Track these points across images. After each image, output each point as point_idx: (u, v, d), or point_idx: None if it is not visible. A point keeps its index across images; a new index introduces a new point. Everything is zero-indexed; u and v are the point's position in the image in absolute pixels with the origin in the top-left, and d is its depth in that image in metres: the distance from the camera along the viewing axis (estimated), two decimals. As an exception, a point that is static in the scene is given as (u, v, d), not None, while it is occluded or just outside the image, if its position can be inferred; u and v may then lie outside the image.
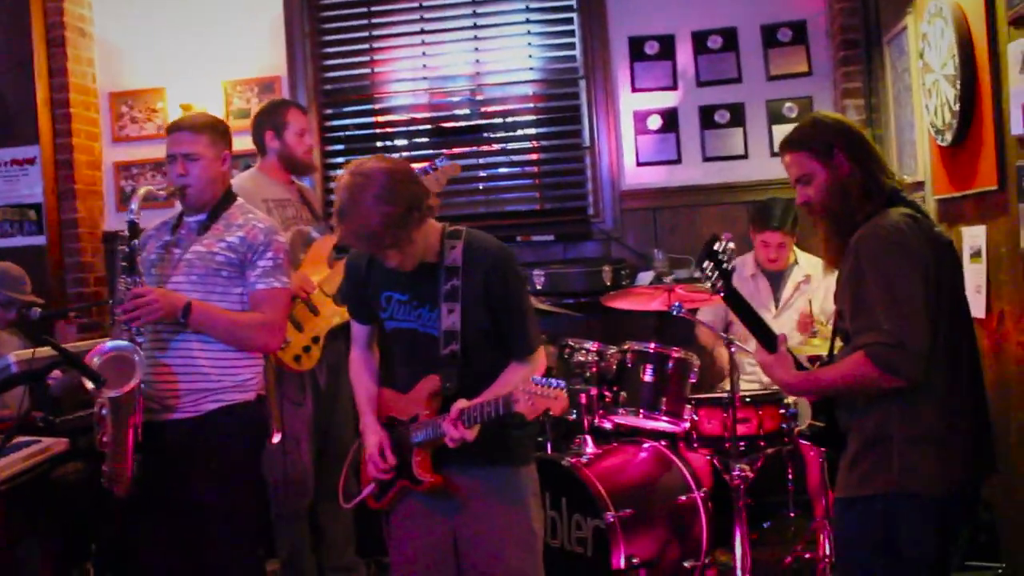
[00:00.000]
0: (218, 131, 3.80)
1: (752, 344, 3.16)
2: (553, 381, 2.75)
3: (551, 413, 2.77)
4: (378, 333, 3.41)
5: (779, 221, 4.88)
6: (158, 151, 5.99)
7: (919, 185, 4.52)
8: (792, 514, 4.81)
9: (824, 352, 3.31)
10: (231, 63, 6.19)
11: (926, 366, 2.67)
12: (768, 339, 2.97)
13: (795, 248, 5.05)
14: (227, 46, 6.18)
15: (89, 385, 3.40)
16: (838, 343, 3.00)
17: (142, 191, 3.65)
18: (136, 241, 3.59)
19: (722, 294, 3.05)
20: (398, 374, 3.29)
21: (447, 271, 3.10)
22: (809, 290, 4.95)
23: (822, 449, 4.28)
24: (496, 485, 3.17)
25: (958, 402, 2.79)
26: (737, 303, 3.05)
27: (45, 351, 4.03)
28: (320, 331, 4.52)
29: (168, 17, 6.24)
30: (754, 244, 5.02)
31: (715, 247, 3.03)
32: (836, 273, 2.95)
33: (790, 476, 4.78)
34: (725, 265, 3.03)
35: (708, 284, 3.07)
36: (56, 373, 3.79)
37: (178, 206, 3.84)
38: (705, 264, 3.04)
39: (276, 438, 4.43)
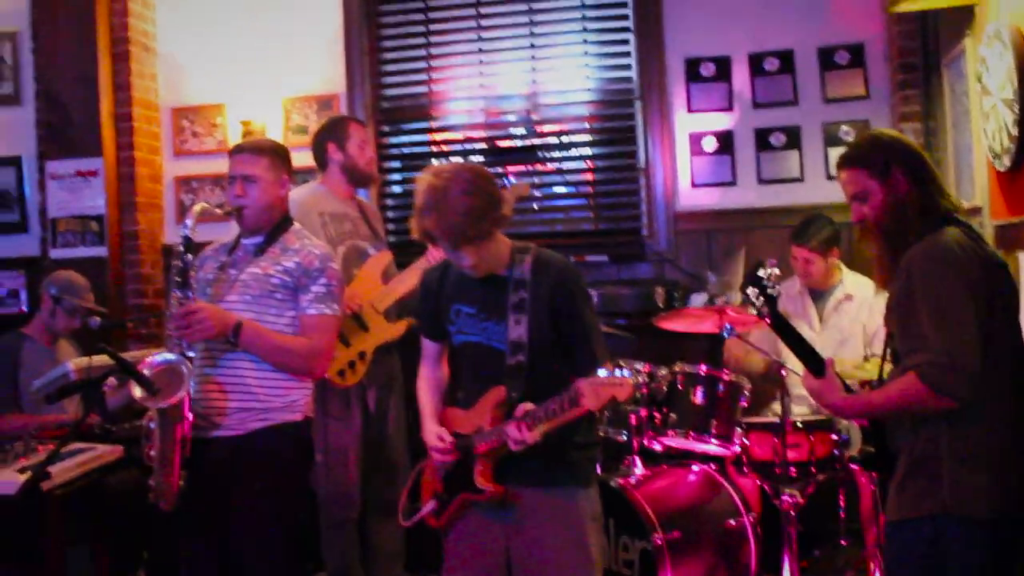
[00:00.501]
0: (279, 156, 3.84)
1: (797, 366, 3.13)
2: (618, 371, 2.75)
3: (617, 400, 2.76)
4: (448, 351, 3.45)
5: (804, 237, 4.87)
6: (217, 166, 6.10)
7: (977, 210, 4.46)
8: (843, 543, 4.76)
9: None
10: (291, 80, 6.27)
11: (976, 386, 2.64)
12: (816, 364, 2.95)
13: (842, 267, 5.01)
14: (287, 63, 6.27)
15: (137, 394, 3.45)
16: (887, 366, 2.97)
17: (197, 208, 3.70)
18: (189, 256, 3.63)
19: (768, 320, 3.04)
20: (464, 390, 3.33)
21: (516, 283, 3.14)
22: (852, 308, 4.90)
23: (874, 475, 4.24)
24: (555, 506, 3.16)
25: (1010, 424, 2.75)
26: (783, 329, 3.03)
27: (102, 359, 4.11)
28: (368, 347, 4.55)
29: (230, 34, 6.35)
30: None
31: (759, 273, 3.02)
32: (887, 294, 2.92)
33: (842, 504, 4.73)
34: (770, 291, 3.02)
35: (754, 310, 3.06)
36: (111, 381, 3.85)
37: (235, 226, 3.87)
38: (750, 290, 3.03)
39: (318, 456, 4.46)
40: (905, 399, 2.71)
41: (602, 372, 2.76)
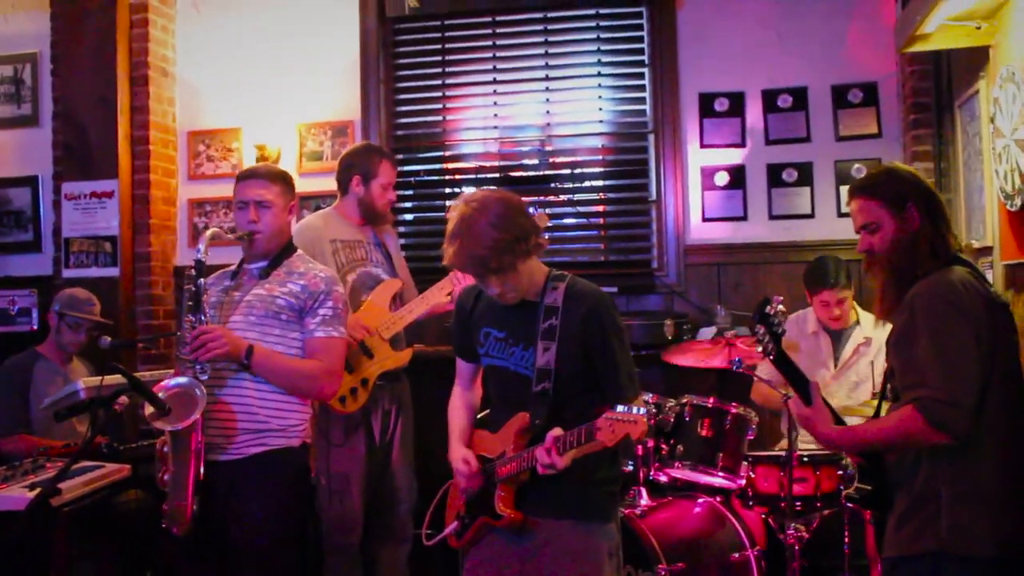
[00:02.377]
0: (288, 183, 3.90)
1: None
2: (635, 408, 2.75)
3: (631, 437, 2.75)
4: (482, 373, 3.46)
5: (835, 278, 4.85)
6: (231, 189, 6.11)
7: (987, 250, 4.47)
8: (848, 578, 4.74)
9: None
10: (306, 106, 6.33)
11: (974, 424, 2.65)
12: (807, 394, 2.96)
13: (856, 307, 5.02)
14: (303, 90, 6.33)
15: (148, 413, 3.46)
16: (885, 404, 2.98)
17: (209, 232, 3.72)
18: (202, 280, 3.65)
19: (772, 357, 3.05)
20: (493, 414, 3.34)
21: (547, 310, 3.14)
22: (870, 352, 4.90)
23: (868, 514, 4.23)
24: (572, 539, 3.14)
25: (1011, 463, 2.76)
26: (785, 366, 3.04)
27: (113, 379, 4.13)
28: (371, 375, 4.54)
29: (247, 60, 6.42)
30: (812, 305, 4.99)
31: (767, 310, 3.04)
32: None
33: (847, 539, 4.70)
34: (776, 328, 3.04)
35: (760, 347, 3.08)
36: (123, 399, 3.87)
37: (240, 251, 3.91)
38: (758, 328, 3.05)
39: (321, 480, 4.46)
40: (901, 432, 2.72)
41: (620, 408, 2.75)
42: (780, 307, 3.08)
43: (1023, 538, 2.78)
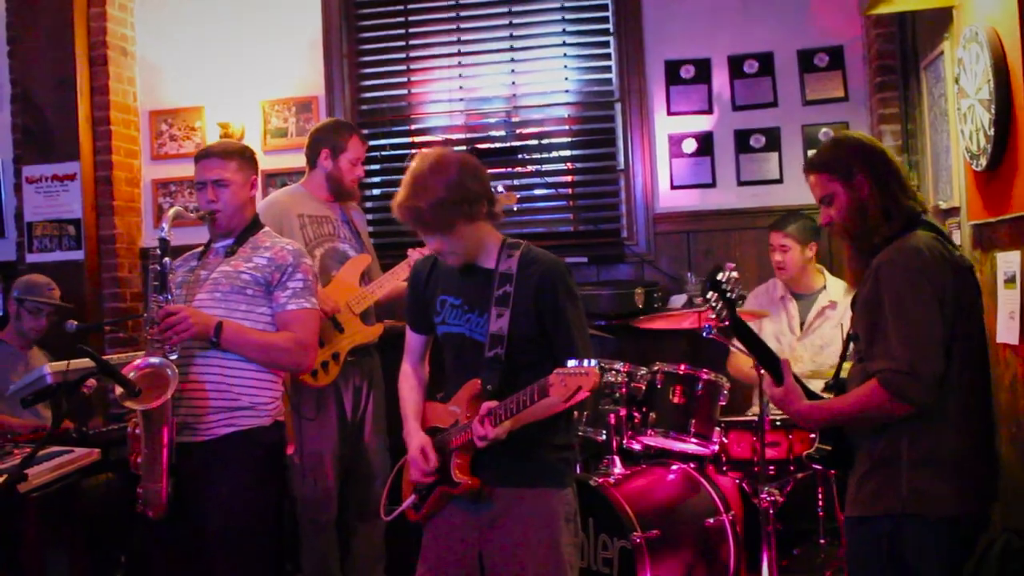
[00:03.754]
0: (246, 157, 3.85)
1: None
2: (586, 360, 2.75)
3: (583, 390, 2.74)
4: (432, 344, 3.45)
5: (782, 224, 4.96)
6: (196, 168, 6.08)
7: (955, 211, 4.48)
8: (822, 541, 4.76)
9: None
10: (269, 83, 6.26)
11: (937, 392, 2.67)
12: (777, 372, 2.97)
13: (825, 272, 5.04)
14: (265, 66, 6.26)
15: (120, 394, 3.43)
16: (846, 364, 3.00)
17: (172, 211, 3.69)
18: (167, 260, 3.61)
19: (727, 324, 3.06)
20: (447, 383, 3.32)
21: (501, 277, 3.15)
22: (836, 315, 4.92)
23: (831, 474, 4.26)
24: (529, 506, 3.15)
25: (971, 428, 2.80)
26: (743, 334, 3.05)
27: (80, 363, 4.08)
28: (341, 349, 4.52)
29: (208, 37, 6.33)
30: None
31: (718, 277, 3.06)
32: None
33: (820, 502, 4.73)
34: (729, 295, 3.05)
35: (713, 315, 3.08)
36: (91, 382, 3.82)
37: (207, 232, 3.88)
38: (710, 295, 3.05)
39: (290, 449, 4.44)
40: (867, 406, 2.76)
41: (571, 362, 2.76)
42: (733, 274, 3.10)
43: (983, 498, 2.83)
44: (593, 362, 2.74)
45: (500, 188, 4.61)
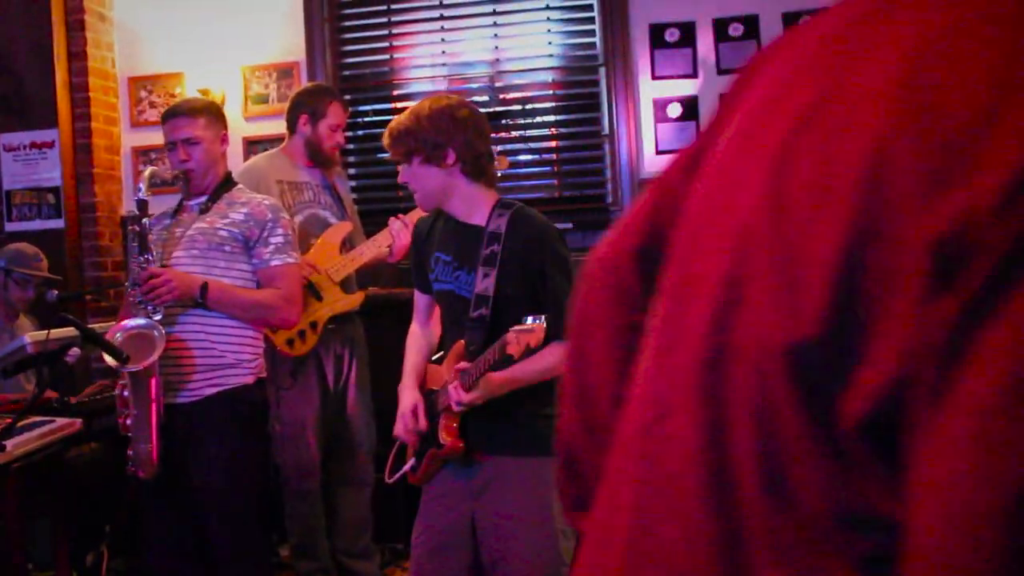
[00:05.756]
0: (213, 113, 3.83)
1: None
2: (537, 319, 2.76)
3: (531, 346, 2.76)
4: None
5: None
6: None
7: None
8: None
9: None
10: (250, 48, 6.18)
11: None
12: None
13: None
14: (246, 31, 6.17)
15: (110, 361, 3.42)
16: None
17: (148, 171, 3.71)
18: (146, 220, 3.60)
19: None
20: (443, 342, 3.33)
21: (490, 236, 3.12)
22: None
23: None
24: (518, 474, 3.14)
25: None
26: None
27: (60, 332, 4.05)
28: (320, 317, 4.48)
29: (187, 2, 6.23)
30: None
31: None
32: None
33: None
34: None
35: None
36: (75, 351, 3.79)
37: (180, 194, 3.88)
38: None
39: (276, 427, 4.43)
40: None
41: (529, 320, 2.77)
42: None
43: None
44: (541, 319, 2.75)
45: (497, 150, 4.58)
